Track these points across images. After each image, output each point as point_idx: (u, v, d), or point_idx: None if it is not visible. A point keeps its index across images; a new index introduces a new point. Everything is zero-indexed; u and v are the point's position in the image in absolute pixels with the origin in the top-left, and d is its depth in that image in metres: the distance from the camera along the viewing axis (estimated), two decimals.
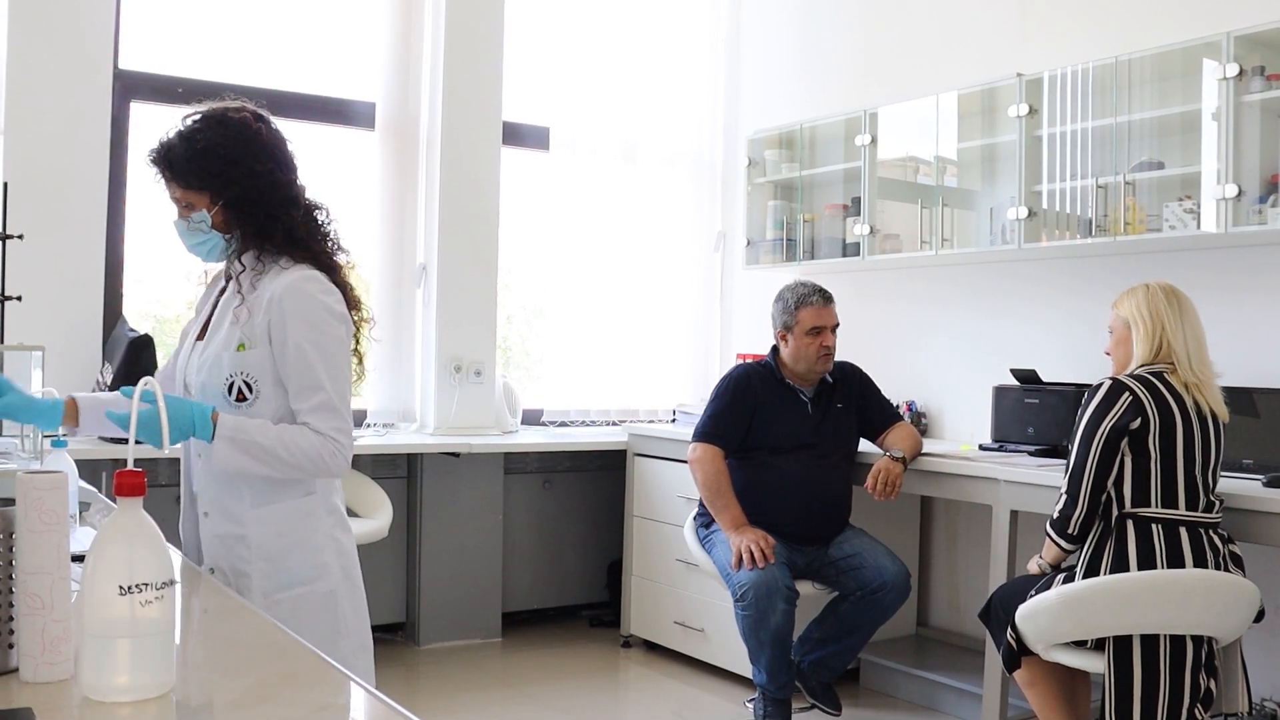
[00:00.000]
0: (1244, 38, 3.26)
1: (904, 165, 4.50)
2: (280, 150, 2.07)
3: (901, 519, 4.44)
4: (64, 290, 4.14)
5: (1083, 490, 2.80)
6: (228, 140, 2.00)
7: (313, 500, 2.07)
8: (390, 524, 4.24)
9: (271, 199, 2.02)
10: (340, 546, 2.11)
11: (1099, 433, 2.79)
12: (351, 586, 2.12)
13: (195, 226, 2.03)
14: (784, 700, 3.52)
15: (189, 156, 1.99)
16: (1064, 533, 2.85)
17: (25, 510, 1.21)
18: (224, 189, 2.00)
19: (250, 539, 2.02)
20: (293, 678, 1.36)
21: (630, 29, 5.33)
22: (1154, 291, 2.92)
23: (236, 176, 1.99)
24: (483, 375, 4.90)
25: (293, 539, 2.05)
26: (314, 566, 2.05)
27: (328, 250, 2.09)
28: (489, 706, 4.07)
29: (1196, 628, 2.70)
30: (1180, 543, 2.72)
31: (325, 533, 2.08)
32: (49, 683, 1.21)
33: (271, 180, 2.02)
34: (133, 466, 1.22)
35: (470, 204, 4.90)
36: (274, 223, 2.02)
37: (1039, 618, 2.81)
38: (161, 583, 1.18)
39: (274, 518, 2.03)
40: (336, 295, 2.05)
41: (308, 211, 2.09)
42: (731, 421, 3.69)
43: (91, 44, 4.22)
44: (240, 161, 1.99)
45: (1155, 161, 3.61)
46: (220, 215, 2.02)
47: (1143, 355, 2.88)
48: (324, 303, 2.00)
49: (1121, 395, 2.79)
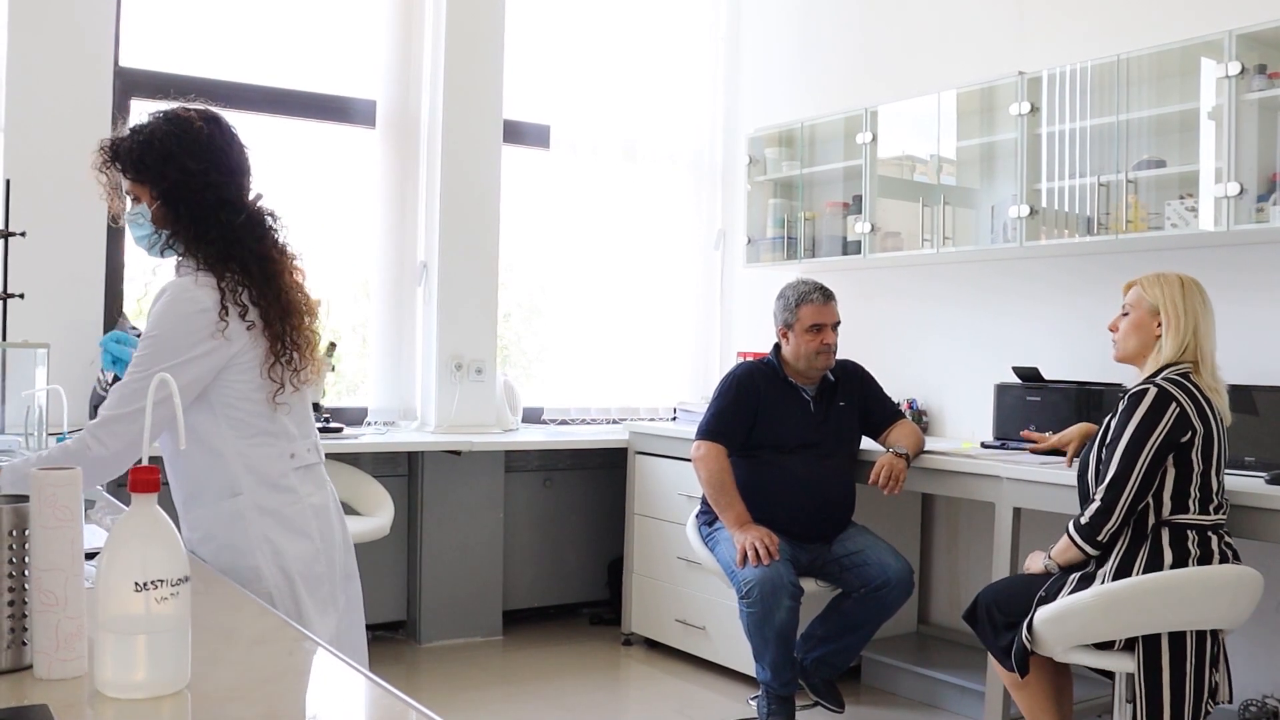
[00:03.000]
0: (1245, 36, 3.26)
1: (904, 163, 4.51)
2: (220, 153, 2.06)
3: (903, 517, 4.44)
4: (65, 288, 4.14)
5: (1122, 502, 2.74)
6: (167, 135, 2.03)
7: (239, 502, 2.03)
8: (391, 522, 4.25)
9: (203, 199, 2.02)
10: (275, 548, 2.04)
11: (1148, 446, 2.72)
12: (294, 588, 2.05)
13: (134, 217, 2.07)
14: (787, 697, 3.52)
15: (130, 147, 2.04)
16: (1092, 539, 2.79)
17: (39, 506, 1.21)
18: (158, 182, 2.03)
19: (187, 542, 1.98)
20: (298, 669, 1.36)
21: (631, 27, 5.34)
22: (1190, 287, 2.86)
23: (169, 172, 2.01)
24: (483, 373, 4.91)
25: (221, 542, 2.02)
26: (247, 569, 2.01)
27: (255, 257, 2.04)
28: (490, 705, 4.07)
29: (1219, 622, 2.71)
30: (1210, 547, 2.73)
31: (258, 535, 2.03)
32: (63, 679, 1.22)
33: (205, 180, 2.02)
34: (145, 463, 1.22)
35: (471, 202, 4.90)
36: (196, 223, 2.01)
37: (1068, 620, 2.76)
38: (176, 579, 1.18)
39: (201, 522, 2.04)
40: (194, 304, 1.97)
41: (252, 217, 2.07)
42: (735, 419, 3.69)
43: (92, 42, 4.22)
44: (175, 157, 2.01)
45: (1156, 159, 3.62)
46: (158, 210, 2.05)
47: (1169, 352, 2.83)
48: (164, 320, 1.98)
49: (1169, 407, 2.73)
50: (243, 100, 4.58)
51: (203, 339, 1.97)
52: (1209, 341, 2.84)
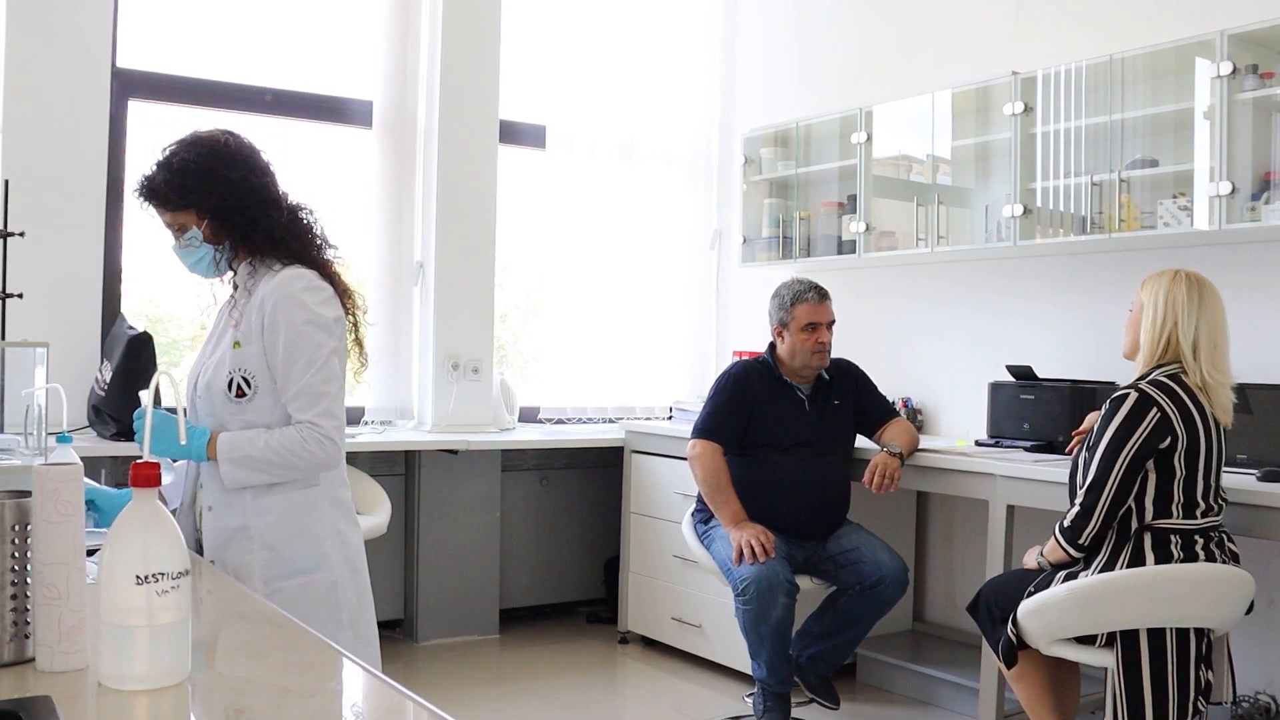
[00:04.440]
0: (1237, 36, 3.28)
1: (899, 163, 4.52)
2: (252, 157, 2.18)
3: (897, 515, 4.46)
4: (63, 288, 4.15)
5: (1100, 505, 2.73)
6: (200, 155, 2.12)
7: (315, 492, 2.14)
8: (388, 521, 4.25)
9: (250, 202, 2.13)
10: (344, 539, 2.16)
11: (1124, 452, 2.71)
12: (357, 579, 2.17)
13: (188, 244, 2.14)
14: (783, 695, 3.54)
15: (167, 178, 2.11)
16: (1074, 543, 2.79)
17: (41, 501, 1.23)
18: (205, 201, 2.11)
19: (251, 529, 2.10)
20: (301, 665, 1.38)
21: (627, 27, 5.35)
22: (1178, 280, 2.82)
23: (214, 186, 2.10)
24: (480, 373, 4.92)
25: (293, 528, 2.11)
26: (316, 556, 2.12)
27: (314, 246, 2.19)
28: (487, 703, 4.08)
29: (1201, 620, 2.71)
30: (1195, 550, 2.72)
31: (329, 524, 2.15)
32: (65, 672, 1.23)
33: (247, 185, 2.13)
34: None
35: (467, 202, 4.91)
36: (256, 225, 2.12)
37: (1046, 612, 2.78)
38: (177, 572, 1.19)
39: (274, 508, 2.11)
40: (324, 292, 2.13)
41: (291, 212, 2.18)
42: (731, 418, 3.70)
43: (90, 42, 4.23)
44: (215, 171, 2.11)
45: (1149, 159, 3.64)
46: (209, 228, 2.13)
47: (1149, 350, 2.83)
48: (304, 300, 2.09)
49: (1149, 412, 2.72)
50: (239, 101, 4.60)
51: (332, 318, 2.12)
52: (1190, 337, 2.78)
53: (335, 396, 2.10)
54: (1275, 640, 3.49)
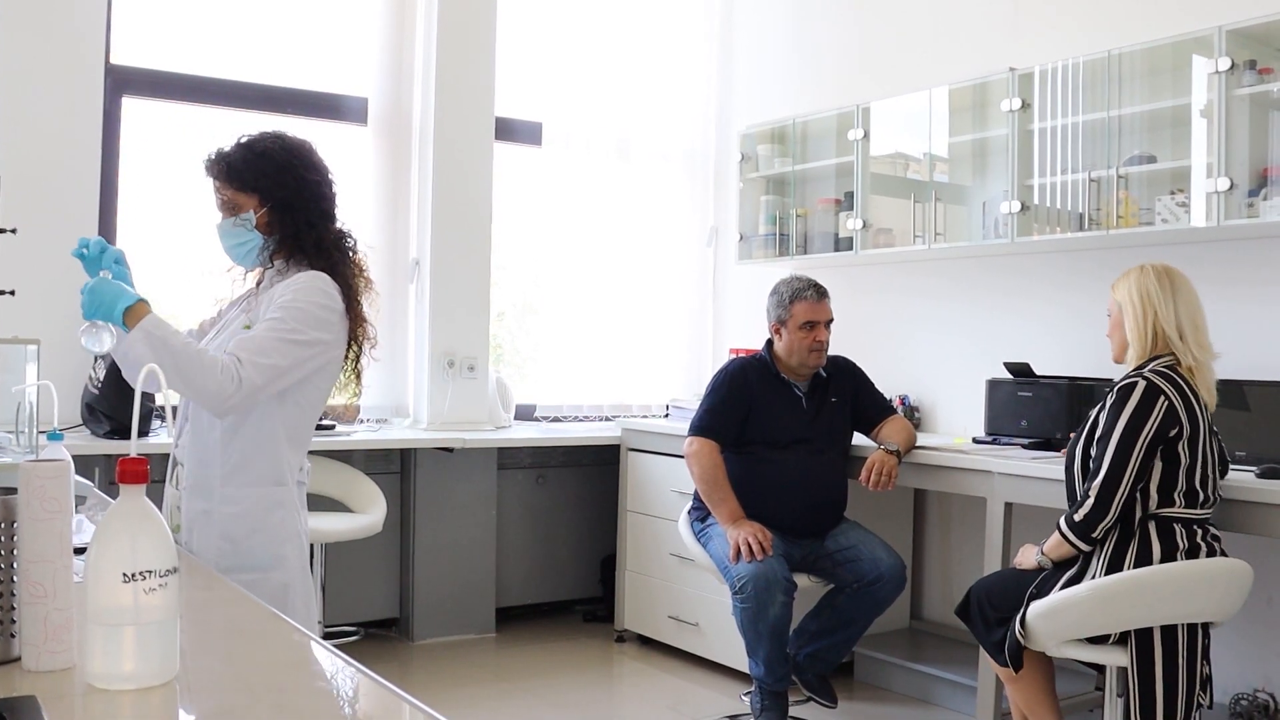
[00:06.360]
0: (1235, 32, 3.27)
1: (896, 160, 4.51)
2: (327, 171, 2.25)
3: (895, 512, 4.45)
4: (56, 285, 4.10)
5: (1118, 497, 2.72)
6: (285, 149, 2.18)
7: (284, 492, 2.15)
8: (384, 519, 4.24)
9: (313, 208, 2.18)
10: (301, 544, 2.19)
11: (1139, 442, 2.71)
12: (306, 585, 2.18)
13: (239, 225, 2.17)
14: (781, 693, 3.52)
15: (246, 159, 2.15)
16: (1085, 536, 2.77)
17: (28, 498, 1.21)
18: (273, 191, 2.15)
19: (214, 514, 2.11)
20: (293, 664, 1.36)
21: (623, 24, 5.34)
22: (1146, 273, 2.86)
23: (287, 181, 2.16)
24: (476, 370, 4.90)
25: (256, 523, 2.12)
26: (273, 556, 2.12)
27: (350, 268, 2.22)
28: (483, 702, 4.07)
29: (1212, 614, 2.71)
30: (1197, 540, 2.73)
31: (291, 526, 2.16)
32: (52, 671, 1.21)
33: (317, 191, 2.19)
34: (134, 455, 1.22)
35: (463, 199, 4.90)
36: (310, 229, 2.17)
37: (1066, 613, 2.75)
38: (165, 570, 1.18)
39: (241, 499, 2.12)
40: (332, 297, 2.14)
41: (340, 234, 2.25)
42: (728, 415, 3.69)
43: (83, 39, 4.21)
44: (293, 168, 2.17)
45: (1147, 155, 3.63)
46: (265, 217, 2.16)
47: (1139, 345, 2.84)
48: (313, 295, 2.11)
49: (1158, 401, 2.72)
50: (234, 97, 4.58)
51: (330, 329, 2.13)
52: (1173, 322, 2.80)
53: (280, 369, 2.05)
54: (1274, 638, 3.48)
